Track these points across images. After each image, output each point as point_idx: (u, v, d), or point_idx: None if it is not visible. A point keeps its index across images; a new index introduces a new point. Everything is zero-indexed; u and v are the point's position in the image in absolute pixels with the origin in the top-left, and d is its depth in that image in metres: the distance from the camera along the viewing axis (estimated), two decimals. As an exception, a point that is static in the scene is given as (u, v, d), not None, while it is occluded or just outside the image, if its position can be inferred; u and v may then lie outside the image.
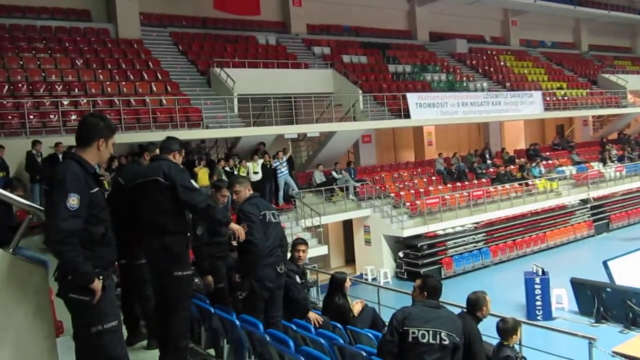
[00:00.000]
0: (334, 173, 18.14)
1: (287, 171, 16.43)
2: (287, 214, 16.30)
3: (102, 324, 3.20)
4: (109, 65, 16.75)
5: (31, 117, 13.52)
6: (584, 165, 24.57)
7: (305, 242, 6.18)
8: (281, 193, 16.39)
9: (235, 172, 15.09)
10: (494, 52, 29.00)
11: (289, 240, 5.83)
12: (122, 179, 4.81)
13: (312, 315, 5.50)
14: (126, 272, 4.97)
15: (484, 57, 28.11)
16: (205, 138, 17.44)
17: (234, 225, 4.62)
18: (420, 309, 4.09)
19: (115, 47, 17.77)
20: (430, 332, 3.88)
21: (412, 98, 20.22)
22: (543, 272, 13.78)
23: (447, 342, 3.86)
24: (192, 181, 4.28)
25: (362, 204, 17.93)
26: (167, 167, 4.22)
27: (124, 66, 17.02)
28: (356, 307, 6.11)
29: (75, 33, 17.64)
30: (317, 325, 5.27)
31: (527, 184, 21.31)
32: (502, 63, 28.25)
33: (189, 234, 4.43)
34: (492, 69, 26.97)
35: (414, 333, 3.91)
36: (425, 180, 20.64)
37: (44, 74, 15.37)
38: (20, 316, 3.19)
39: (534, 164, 22.70)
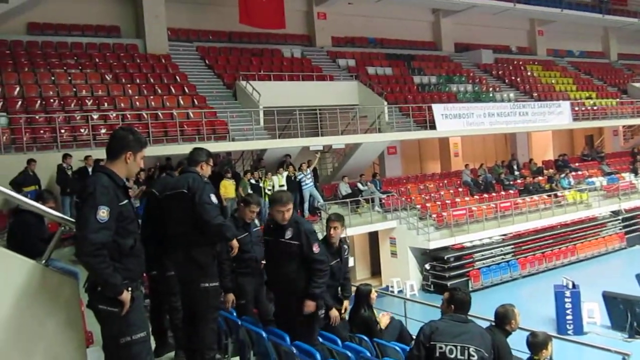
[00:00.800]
0: (359, 185, 18.10)
1: (312, 183, 16.46)
2: (313, 225, 16.25)
3: (131, 335, 3.23)
4: (138, 80, 17.08)
5: (62, 131, 13.82)
6: (614, 176, 24.06)
7: (338, 219, 5.74)
8: (306, 205, 16.41)
9: (261, 185, 15.18)
10: (520, 62, 28.72)
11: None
12: (155, 190, 4.87)
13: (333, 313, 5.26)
14: (156, 283, 5.02)
15: (511, 68, 27.85)
16: (231, 150, 17.60)
17: (234, 243, 4.93)
18: (448, 323, 4.00)
19: (143, 62, 18.12)
20: (458, 347, 3.81)
21: (438, 109, 20.12)
22: (573, 285, 13.49)
23: (475, 358, 3.78)
24: (212, 195, 4.23)
25: (388, 215, 17.84)
26: (192, 180, 4.26)
27: (152, 80, 17.34)
28: (383, 320, 6.07)
29: (105, 49, 18.05)
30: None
31: (555, 196, 20.95)
32: (529, 73, 27.95)
33: (215, 246, 4.45)
34: (518, 79, 26.71)
35: (441, 348, 3.84)
36: (451, 191, 20.46)
37: (74, 89, 15.73)
38: (52, 326, 3.25)
39: (562, 175, 22.32)
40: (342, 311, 5.62)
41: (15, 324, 3.11)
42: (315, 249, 4.72)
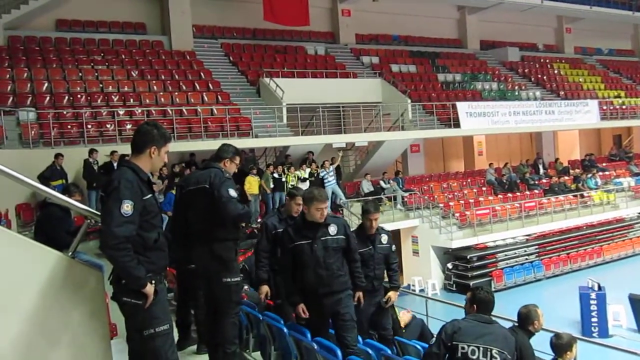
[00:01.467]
0: (382, 183, 18.04)
1: (334, 180, 16.46)
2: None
3: (154, 328, 3.27)
4: (163, 76, 17.26)
5: (89, 126, 14.05)
6: (643, 176, 23.59)
7: (377, 210, 5.54)
8: (328, 202, 16.38)
9: (284, 179, 15.22)
10: (547, 61, 28.30)
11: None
12: (182, 184, 4.92)
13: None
14: (183, 277, 5.06)
15: (537, 66, 27.47)
16: (255, 147, 17.68)
17: None
18: (472, 323, 3.92)
19: (169, 58, 18.31)
20: (481, 348, 3.75)
21: (462, 107, 19.94)
22: (599, 287, 13.27)
23: None
24: (232, 190, 4.22)
25: (410, 214, 17.74)
26: (213, 175, 4.26)
27: (177, 77, 17.51)
28: (404, 318, 6.04)
29: (131, 45, 18.28)
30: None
31: (582, 196, 20.61)
32: (555, 71, 27.54)
33: (238, 242, 4.47)
34: (545, 78, 26.34)
35: (463, 348, 3.78)
36: (475, 190, 20.26)
37: (101, 85, 15.98)
38: (77, 317, 3.30)
39: (589, 175, 21.93)
40: (389, 302, 5.51)
41: (41, 315, 3.17)
42: (355, 240, 4.81)
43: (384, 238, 5.46)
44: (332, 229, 4.61)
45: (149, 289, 3.21)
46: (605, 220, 20.57)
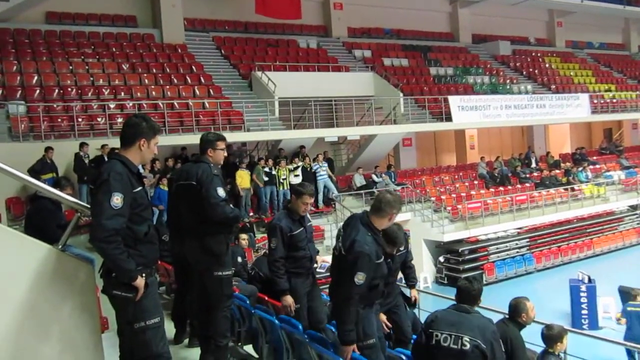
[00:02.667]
0: (374, 176, 18.06)
1: (326, 174, 16.47)
2: (327, 216, 16.34)
3: (145, 321, 3.27)
4: (154, 70, 17.16)
5: (79, 119, 13.96)
6: (633, 170, 23.69)
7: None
8: (320, 196, 16.44)
9: (274, 173, 15.21)
10: (538, 54, 28.38)
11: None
12: (174, 178, 4.90)
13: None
14: (180, 271, 5.03)
15: (529, 59, 27.54)
16: (247, 141, 17.62)
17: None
18: (449, 312, 3.97)
19: (160, 51, 18.20)
20: (453, 336, 3.77)
21: (454, 101, 19.97)
22: (589, 279, 13.37)
23: (467, 347, 3.70)
24: (219, 189, 4.19)
25: (402, 207, 17.73)
26: (201, 172, 4.24)
27: (168, 70, 17.42)
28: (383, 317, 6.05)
29: (122, 38, 18.15)
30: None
31: (572, 189, 20.73)
32: (547, 65, 27.62)
33: (229, 235, 4.46)
34: (536, 71, 26.41)
35: (437, 336, 3.83)
36: (466, 184, 20.33)
37: (92, 78, 15.86)
38: (67, 311, 3.30)
39: (580, 169, 22.06)
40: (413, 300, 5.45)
41: (32, 308, 3.16)
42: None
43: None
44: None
45: (140, 282, 3.20)
46: (595, 213, 20.73)
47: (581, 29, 30.65)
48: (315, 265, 5.27)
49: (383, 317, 4.71)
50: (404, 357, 4.29)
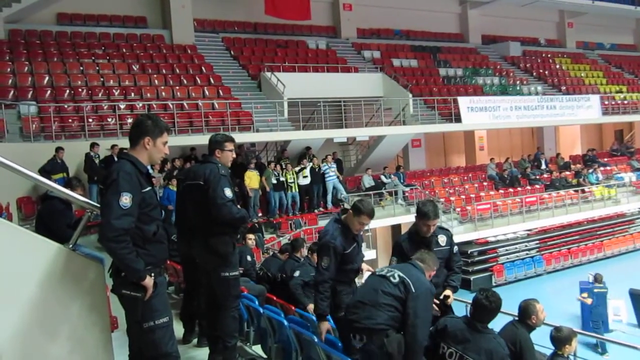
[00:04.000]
0: (383, 177, 18.03)
1: (335, 175, 16.48)
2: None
3: (154, 320, 3.28)
4: (164, 70, 17.24)
5: (90, 120, 14.05)
6: (644, 172, 23.56)
7: (436, 215, 4.75)
8: (329, 197, 16.44)
9: (282, 179, 15.23)
10: (549, 55, 28.21)
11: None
12: (182, 178, 4.90)
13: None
14: (189, 271, 5.04)
15: (539, 60, 27.39)
16: (256, 141, 17.65)
17: None
18: (460, 326, 3.91)
19: (169, 52, 18.28)
20: (458, 354, 3.76)
21: (464, 102, 19.90)
22: (596, 279, 13.27)
23: None
24: (227, 190, 4.18)
25: (411, 208, 17.70)
26: (208, 172, 4.24)
27: (178, 71, 17.49)
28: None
29: (132, 39, 18.25)
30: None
31: (583, 191, 20.59)
32: (557, 66, 27.45)
33: (235, 236, 4.46)
34: (546, 72, 26.27)
35: (443, 348, 3.84)
36: (476, 185, 20.26)
37: (102, 79, 15.96)
38: (77, 310, 3.31)
39: (590, 170, 21.92)
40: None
41: (42, 307, 3.18)
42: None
43: (442, 239, 4.75)
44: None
45: (148, 281, 3.21)
46: (606, 215, 20.62)
47: (592, 29, 30.43)
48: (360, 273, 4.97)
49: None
50: None
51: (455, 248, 4.87)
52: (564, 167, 22.71)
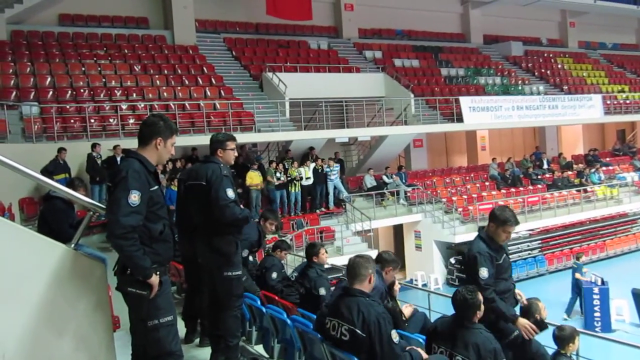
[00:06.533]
0: (384, 177, 18.03)
1: (337, 176, 16.49)
2: (338, 217, 16.35)
3: (158, 319, 3.28)
4: (166, 71, 17.27)
5: (92, 120, 14.07)
6: (646, 171, 23.53)
7: (517, 222, 4.71)
8: (331, 197, 16.46)
9: (281, 177, 15.25)
10: (551, 55, 28.20)
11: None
12: (183, 179, 4.91)
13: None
14: (191, 271, 5.04)
15: (541, 60, 27.38)
16: (257, 142, 17.67)
17: None
18: (448, 323, 3.96)
19: (171, 53, 18.31)
20: (448, 352, 3.80)
21: (465, 102, 19.89)
22: (602, 282, 13.27)
23: None
24: (229, 190, 4.18)
25: (413, 208, 17.74)
26: (211, 172, 4.24)
27: (179, 71, 17.51)
28: (406, 311, 6.03)
29: (134, 40, 18.28)
30: None
31: (585, 191, 20.57)
32: (559, 66, 27.44)
33: (239, 236, 4.46)
34: (548, 72, 26.25)
35: (434, 348, 3.88)
36: (478, 185, 20.24)
37: (104, 80, 15.98)
38: (81, 308, 3.32)
39: (593, 170, 21.89)
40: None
41: (45, 306, 3.18)
42: None
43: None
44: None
45: (154, 279, 3.22)
46: (608, 215, 20.58)
47: (594, 29, 30.41)
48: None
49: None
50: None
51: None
52: (566, 166, 22.69)
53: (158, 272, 3.27)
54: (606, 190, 20.99)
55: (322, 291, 6.29)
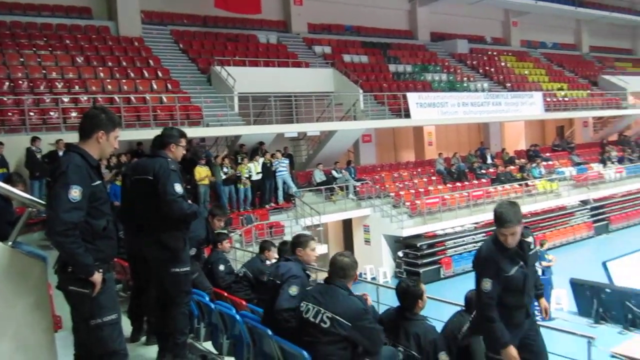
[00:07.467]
0: (334, 172, 18.13)
1: (285, 170, 16.45)
2: (287, 212, 16.33)
3: (102, 317, 3.20)
4: (110, 63, 16.77)
5: (31, 113, 13.53)
6: (584, 166, 24.55)
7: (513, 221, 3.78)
8: (280, 192, 16.43)
9: (228, 171, 15.11)
10: (494, 53, 29.00)
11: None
12: (128, 172, 4.79)
13: None
14: (137, 268, 4.93)
15: (485, 58, 28.12)
16: (206, 136, 17.42)
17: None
18: (392, 315, 4.08)
19: (116, 44, 17.79)
20: (391, 343, 3.92)
21: (413, 98, 20.22)
22: (543, 272, 13.75)
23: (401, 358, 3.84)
24: (177, 185, 4.11)
25: (362, 203, 17.92)
26: (158, 166, 4.16)
27: (124, 64, 17.04)
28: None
29: (76, 30, 17.66)
30: None
31: (527, 185, 21.30)
32: (502, 64, 28.25)
33: (187, 231, 4.39)
34: (492, 70, 26.98)
35: (386, 341, 3.95)
36: (425, 180, 20.62)
37: (44, 71, 15.38)
38: (20, 309, 3.18)
39: (534, 165, 22.69)
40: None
41: (-19, 306, 3.05)
42: None
43: (530, 239, 3.93)
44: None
45: (97, 277, 3.14)
46: (548, 208, 21.35)
47: (535, 29, 31.52)
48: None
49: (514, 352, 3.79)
50: None
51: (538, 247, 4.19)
52: (509, 161, 23.42)
53: (101, 270, 3.18)
54: (546, 184, 21.79)
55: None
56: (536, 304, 4.35)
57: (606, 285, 12.97)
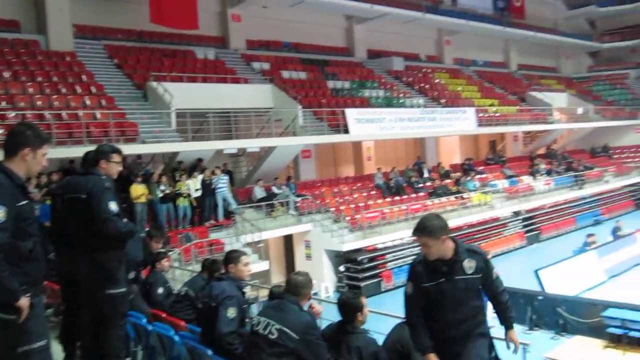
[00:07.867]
0: (274, 188, 18.07)
1: (225, 187, 16.27)
2: (227, 230, 16.13)
3: (29, 344, 3.05)
4: (40, 78, 16.13)
5: (-47, 131, 12.81)
6: (515, 179, 25.55)
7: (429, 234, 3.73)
8: (220, 209, 16.22)
9: (168, 191, 14.83)
10: (429, 70, 29.87)
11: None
12: (59, 191, 4.61)
13: None
14: (69, 290, 4.72)
15: (420, 75, 28.89)
16: (142, 153, 17.00)
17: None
18: (333, 330, 4.12)
19: (46, 59, 17.16)
20: (333, 358, 3.93)
21: (351, 113, 20.48)
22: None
23: None
24: (112, 203, 4.00)
25: (303, 218, 17.93)
26: (92, 184, 4.04)
27: (55, 79, 16.44)
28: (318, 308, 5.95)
29: (3, 44, 16.92)
30: None
31: (462, 198, 21.92)
32: (437, 80, 29.11)
33: (122, 251, 4.26)
34: (427, 86, 27.73)
35: (329, 357, 3.98)
36: (364, 194, 20.86)
37: (-33, 86, 14.63)
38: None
39: (468, 178, 23.40)
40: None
41: None
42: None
43: (469, 265, 3.72)
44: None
45: (24, 302, 2.99)
46: (483, 219, 22.04)
47: (467, 47, 32.79)
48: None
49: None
50: None
51: (495, 273, 3.92)
52: (445, 175, 24.06)
53: (28, 294, 3.03)
54: (481, 196, 22.51)
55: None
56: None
57: (538, 293, 13.47)
